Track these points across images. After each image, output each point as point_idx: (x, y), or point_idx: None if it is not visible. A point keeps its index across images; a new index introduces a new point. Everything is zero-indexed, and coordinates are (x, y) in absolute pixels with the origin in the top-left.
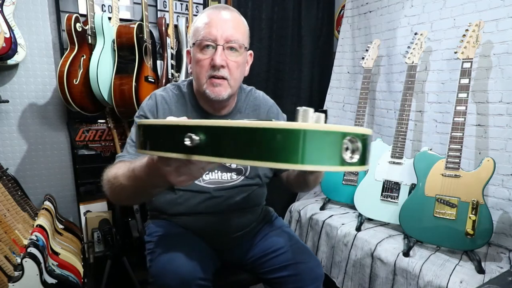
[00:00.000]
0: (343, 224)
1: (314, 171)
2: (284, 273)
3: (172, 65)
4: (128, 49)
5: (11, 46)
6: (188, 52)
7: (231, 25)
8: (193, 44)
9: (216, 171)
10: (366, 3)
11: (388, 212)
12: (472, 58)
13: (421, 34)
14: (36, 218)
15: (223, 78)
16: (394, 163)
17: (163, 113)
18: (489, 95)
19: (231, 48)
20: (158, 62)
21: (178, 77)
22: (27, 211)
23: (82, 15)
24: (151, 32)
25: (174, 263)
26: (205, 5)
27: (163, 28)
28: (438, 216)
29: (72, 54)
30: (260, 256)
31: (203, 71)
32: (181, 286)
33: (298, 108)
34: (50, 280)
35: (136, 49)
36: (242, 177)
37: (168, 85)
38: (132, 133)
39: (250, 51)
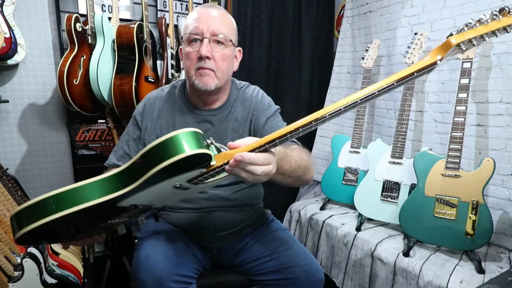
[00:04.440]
0: (343, 224)
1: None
2: (278, 275)
3: (172, 65)
4: (128, 49)
5: (11, 46)
6: (180, 50)
7: (218, 20)
8: (182, 39)
9: None
10: (366, 3)
11: (388, 212)
12: (472, 58)
13: (421, 34)
14: None
15: (210, 69)
16: (394, 163)
17: (150, 114)
18: (489, 95)
19: (218, 42)
20: (158, 62)
21: (178, 77)
22: None
23: (82, 15)
24: (151, 32)
25: (151, 259)
26: None
27: (163, 28)
28: (438, 216)
29: (72, 54)
30: (253, 260)
31: (192, 63)
32: (155, 281)
33: None
34: (50, 280)
35: (136, 49)
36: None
37: (168, 84)
38: (127, 131)
39: (239, 48)
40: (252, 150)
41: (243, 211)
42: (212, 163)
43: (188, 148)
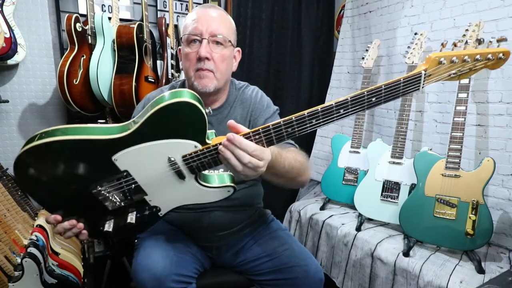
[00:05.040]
0: (343, 224)
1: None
2: (278, 275)
3: (172, 65)
4: (128, 49)
5: (11, 46)
6: (179, 50)
7: (217, 21)
8: (181, 39)
9: None
10: (366, 3)
11: (388, 212)
12: None
13: (421, 34)
14: (36, 218)
15: (209, 70)
16: (394, 163)
17: None
18: (489, 95)
19: (217, 43)
20: (158, 62)
21: (178, 77)
22: (27, 211)
23: (82, 15)
24: (151, 32)
25: (150, 259)
26: None
27: (163, 28)
28: (438, 216)
29: (72, 54)
30: (253, 259)
31: (191, 64)
32: (155, 281)
33: None
34: (50, 280)
35: (136, 49)
36: None
37: (167, 85)
38: None
39: (238, 48)
40: (247, 135)
41: (242, 211)
42: (208, 141)
43: (187, 98)
